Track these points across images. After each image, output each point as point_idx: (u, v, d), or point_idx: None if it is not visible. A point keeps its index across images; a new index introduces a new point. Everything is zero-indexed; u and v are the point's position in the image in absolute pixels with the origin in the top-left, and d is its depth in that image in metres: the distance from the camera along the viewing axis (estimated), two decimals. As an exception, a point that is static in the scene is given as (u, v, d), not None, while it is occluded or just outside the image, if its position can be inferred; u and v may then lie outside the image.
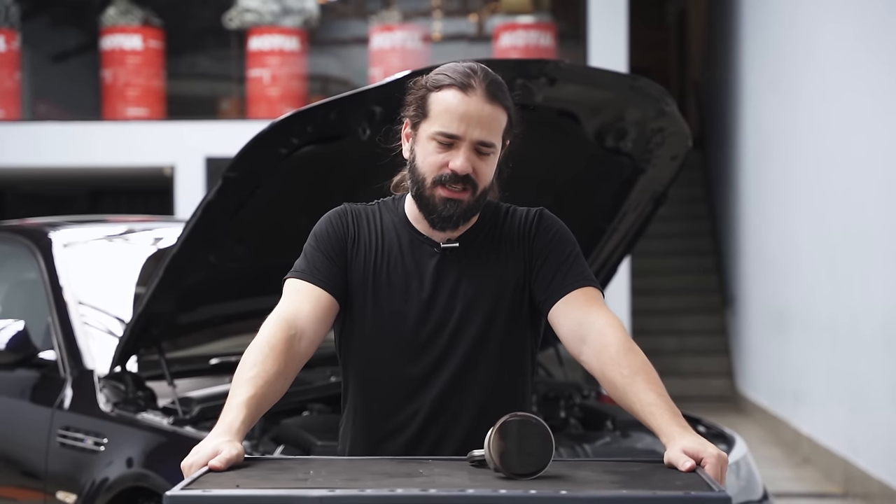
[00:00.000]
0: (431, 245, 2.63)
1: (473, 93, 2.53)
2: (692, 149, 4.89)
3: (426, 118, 2.56)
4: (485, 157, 2.56)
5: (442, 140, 2.53)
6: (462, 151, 2.53)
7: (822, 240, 8.82)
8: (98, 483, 4.10)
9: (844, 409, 8.21)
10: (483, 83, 2.54)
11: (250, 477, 2.22)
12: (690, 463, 2.25)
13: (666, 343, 12.43)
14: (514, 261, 2.64)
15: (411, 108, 2.61)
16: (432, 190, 2.56)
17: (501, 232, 2.66)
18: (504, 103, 2.58)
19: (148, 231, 5.59)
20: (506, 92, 2.59)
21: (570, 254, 2.64)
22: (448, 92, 2.54)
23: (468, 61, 2.62)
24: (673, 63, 18.36)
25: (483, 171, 2.56)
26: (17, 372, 4.61)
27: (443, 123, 2.53)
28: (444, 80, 2.56)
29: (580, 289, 2.59)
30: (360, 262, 2.63)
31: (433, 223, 2.59)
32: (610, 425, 4.70)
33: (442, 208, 2.56)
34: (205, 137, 11.07)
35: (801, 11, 9.55)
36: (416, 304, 2.60)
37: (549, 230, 2.66)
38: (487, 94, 2.54)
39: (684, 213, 13.87)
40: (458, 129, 2.52)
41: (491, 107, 2.54)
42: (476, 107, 2.53)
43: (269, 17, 11.56)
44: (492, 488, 2.11)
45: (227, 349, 5.11)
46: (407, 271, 2.62)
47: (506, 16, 12.22)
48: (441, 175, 2.54)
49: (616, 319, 2.55)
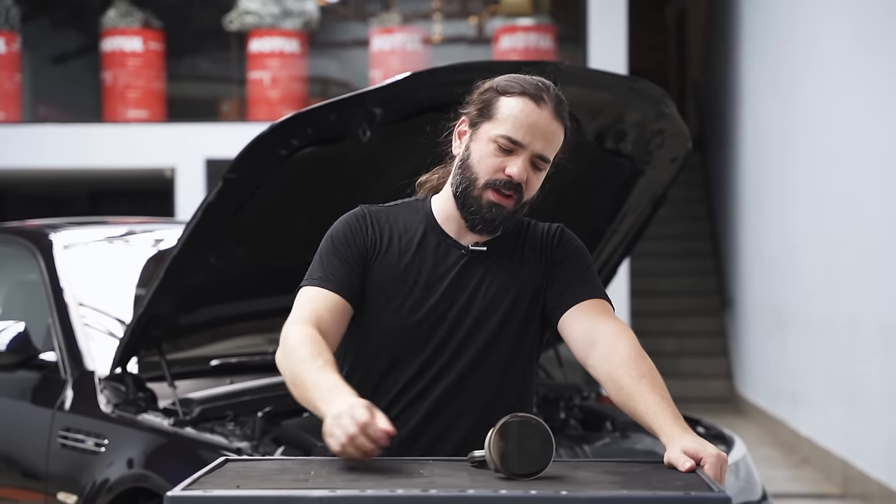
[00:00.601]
0: (459, 248, 2.66)
1: (545, 106, 2.57)
2: (691, 150, 4.90)
3: (491, 119, 2.58)
4: (538, 171, 2.60)
5: (504, 145, 2.56)
6: (522, 160, 2.56)
7: (820, 241, 8.82)
8: (99, 484, 4.10)
9: (843, 410, 8.22)
10: (554, 99, 2.59)
11: (251, 477, 2.23)
12: (690, 463, 2.26)
13: (665, 344, 12.44)
14: (534, 270, 2.67)
15: (474, 107, 2.63)
16: (482, 191, 2.58)
17: (525, 242, 2.70)
18: (565, 123, 2.63)
19: (148, 233, 5.60)
20: (568, 113, 2.64)
21: (587, 268, 2.69)
22: (521, 99, 2.57)
23: (535, 76, 2.64)
24: (672, 65, 18.37)
25: (533, 184, 2.60)
26: (18, 373, 4.61)
27: (509, 128, 2.56)
28: (516, 88, 2.59)
29: (593, 299, 2.64)
30: (384, 263, 2.63)
31: (473, 224, 2.61)
32: (609, 426, 4.70)
33: (486, 211, 2.58)
34: (205, 139, 11.08)
35: (801, 12, 9.56)
36: (435, 303, 2.62)
37: (568, 244, 2.71)
38: (555, 111, 2.59)
39: (683, 214, 13.88)
40: (523, 138, 2.55)
41: (556, 123, 2.59)
42: (545, 120, 2.57)
43: (269, 20, 11.57)
44: (492, 489, 2.11)
45: (227, 350, 5.13)
46: (431, 272, 2.64)
47: (505, 18, 12.24)
48: (496, 179, 2.57)
49: (628, 328, 2.59)
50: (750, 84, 11.59)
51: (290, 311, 2.62)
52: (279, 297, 4.69)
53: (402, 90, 3.93)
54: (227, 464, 2.36)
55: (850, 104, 8.11)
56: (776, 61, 10.43)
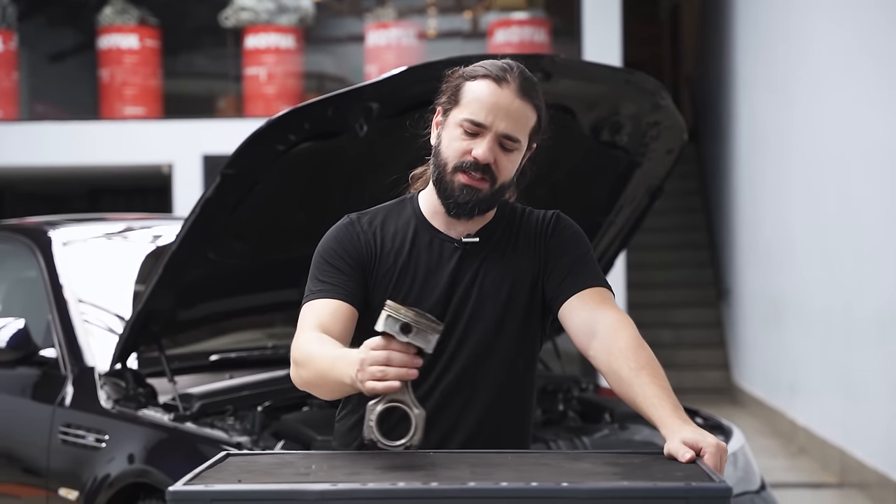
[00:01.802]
0: (451, 241, 2.66)
1: (507, 86, 2.57)
2: (687, 142, 4.91)
3: (457, 105, 2.60)
4: (508, 151, 2.59)
5: (468, 128, 2.57)
6: (486, 141, 2.56)
7: (816, 232, 8.84)
8: (100, 479, 4.12)
9: (839, 400, 8.24)
10: (518, 79, 2.59)
11: (252, 472, 2.24)
12: (690, 454, 2.26)
13: (662, 336, 12.44)
14: (530, 258, 2.67)
15: (444, 95, 2.64)
16: (453, 175, 2.58)
17: (519, 230, 2.70)
18: (534, 102, 2.62)
19: (147, 229, 5.61)
20: (538, 92, 2.63)
21: (585, 255, 2.68)
22: (482, 82, 2.58)
23: (507, 58, 2.66)
24: (666, 58, 18.36)
25: (504, 166, 2.59)
26: (18, 370, 4.62)
27: (472, 111, 2.57)
28: (479, 71, 2.60)
29: (593, 288, 2.62)
30: (381, 266, 2.64)
31: (448, 208, 2.61)
32: (608, 418, 4.72)
33: (459, 194, 2.58)
34: (202, 135, 11.07)
35: (795, 4, 9.56)
36: (435, 298, 2.62)
37: (565, 231, 2.69)
38: (520, 90, 2.58)
39: (679, 206, 13.89)
40: (485, 119, 2.56)
41: (521, 102, 2.58)
42: (507, 99, 2.57)
43: (264, 16, 11.56)
44: (493, 481, 2.12)
45: (226, 345, 5.15)
46: (427, 269, 2.64)
47: (500, 12, 12.23)
48: (463, 161, 2.57)
49: (628, 318, 2.58)
50: (745, 76, 11.60)
51: (288, 305, 2.64)
52: (278, 291, 4.72)
53: (399, 85, 3.94)
54: (228, 458, 2.37)
55: (845, 94, 8.12)
56: (771, 54, 10.44)
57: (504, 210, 2.72)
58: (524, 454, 2.51)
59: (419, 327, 2.22)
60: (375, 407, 2.26)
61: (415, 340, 2.22)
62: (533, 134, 2.64)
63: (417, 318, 2.22)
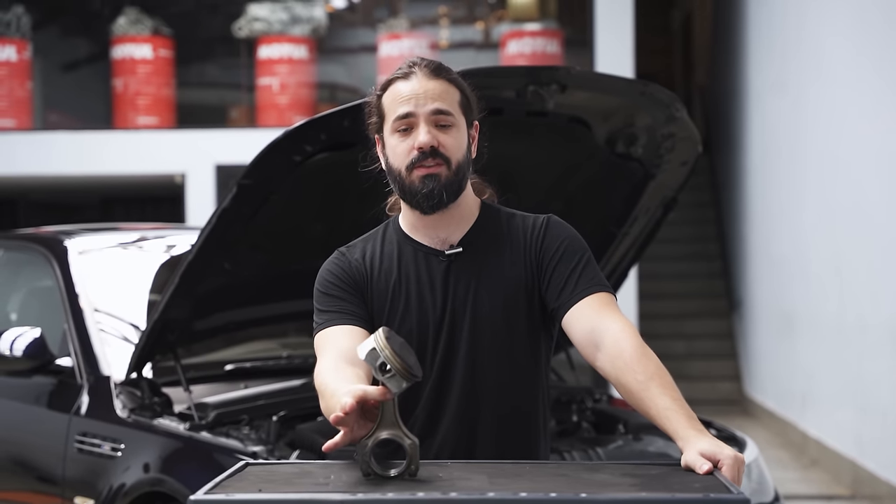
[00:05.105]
0: (436, 255, 2.66)
1: (414, 76, 2.62)
2: (701, 154, 4.92)
3: (384, 118, 2.64)
4: (446, 128, 2.60)
5: (400, 126, 2.60)
6: (420, 126, 2.58)
7: (829, 243, 8.83)
8: (115, 488, 4.13)
9: (852, 412, 8.22)
10: (424, 67, 2.63)
11: (272, 481, 2.24)
12: (708, 465, 2.26)
13: (674, 347, 12.44)
14: (521, 266, 2.65)
15: (371, 119, 2.68)
16: (409, 176, 2.60)
17: (506, 236, 2.68)
18: (450, 77, 2.65)
19: (161, 239, 5.63)
20: (451, 71, 2.66)
21: (581, 260, 2.65)
22: (393, 86, 2.63)
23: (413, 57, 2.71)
24: (678, 69, 18.39)
25: (449, 143, 2.60)
26: (34, 379, 4.64)
27: (395, 111, 2.60)
28: (387, 80, 2.65)
29: (592, 295, 2.60)
30: (375, 289, 2.66)
31: (421, 207, 2.61)
32: (622, 429, 4.72)
33: (421, 186, 2.59)
34: (215, 145, 11.11)
35: (807, 14, 9.56)
36: (431, 314, 2.64)
37: (557, 237, 2.67)
38: (429, 73, 2.62)
39: (692, 217, 13.89)
40: (409, 108, 2.59)
41: (435, 81, 2.61)
42: (419, 84, 2.60)
43: (277, 26, 11.59)
44: (511, 492, 2.12)
45: (242, 355, 5.15)
46: (417, 284, 2.65)
47: (513, 23, 12.26)
48: (411, 158, 2.59)
49: (629, 324, 2.56)
50: (757, 87, 11.60)
51: (303, 315, 2.65)
52: (294, 301, 4.73)
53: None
54: (247, 468, 2.37)
55: (858, 105, 8.12)
56: (783, 63, 10.44)
57: (486, 214, 2.71)
58: (542, 464, 2.51)
59: (395, 371, 2.24)
60: (367, 442, 2.27)
61: (387, 382, 2.24)
62: (464, 109, 2.65)
63: (396, 362, 2.23)
